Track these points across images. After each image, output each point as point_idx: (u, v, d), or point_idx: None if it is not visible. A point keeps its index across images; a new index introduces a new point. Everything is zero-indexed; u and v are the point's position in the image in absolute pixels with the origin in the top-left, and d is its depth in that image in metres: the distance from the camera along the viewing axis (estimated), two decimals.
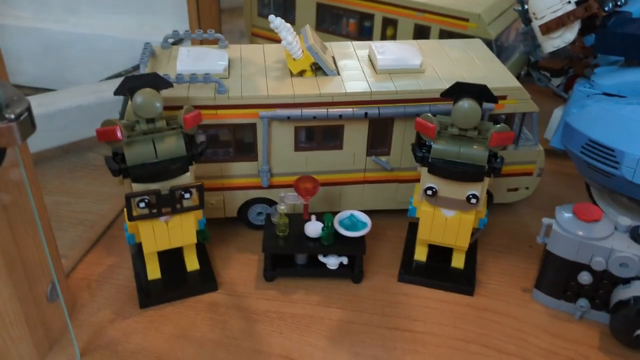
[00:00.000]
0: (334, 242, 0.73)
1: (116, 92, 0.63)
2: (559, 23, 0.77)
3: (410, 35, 1.07)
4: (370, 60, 0.81)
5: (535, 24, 0.80)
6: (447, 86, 0.73)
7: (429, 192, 0.70)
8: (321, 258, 0.74)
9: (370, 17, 1.11)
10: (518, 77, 1.06)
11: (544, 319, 0.72)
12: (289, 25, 0.76)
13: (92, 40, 1.16)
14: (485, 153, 0.67)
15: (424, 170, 0.70)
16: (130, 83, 0.63)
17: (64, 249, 0.80)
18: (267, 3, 1.25)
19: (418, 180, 0.80)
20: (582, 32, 0.78)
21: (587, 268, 0.68)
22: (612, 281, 0.68)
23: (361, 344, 0.68)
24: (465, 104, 0.65)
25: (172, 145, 0.65)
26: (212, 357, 0.66)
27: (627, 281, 0.67)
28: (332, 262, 0.74)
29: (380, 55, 0.78)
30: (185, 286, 0.73)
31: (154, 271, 0.74)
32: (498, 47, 1.02)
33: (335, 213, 0.74)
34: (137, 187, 0.65)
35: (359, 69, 0.79)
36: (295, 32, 0.77)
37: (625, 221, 0.68)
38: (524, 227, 0.87)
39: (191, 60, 0.75)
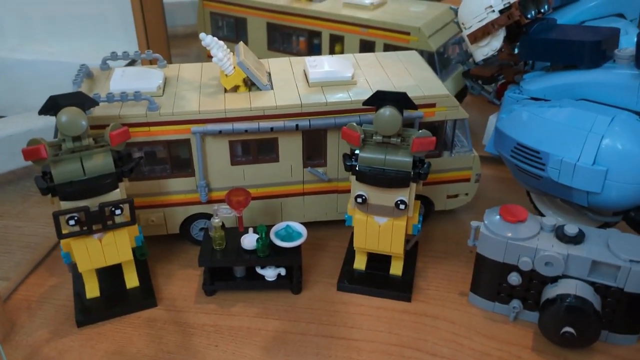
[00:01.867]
0: (270, 253, 0.74)
1: (40, 112, 0.64)
2: (485, 32, 0.79)
3: (357, 50, 1.10)
4: (305, 74, 0.83)
5: (464, 34, 0.82)
6: None
7: (359, 200, 0.71)
8: (259, 270, 0.75)
9: (318, 34, 1.14)
10: (464, 89, 1.09)
11: (479, 321, 0.73)
12: (221, 42, 0.78)
13: (46, 66, 1.17)
14: (409, 159, 0.68)
15: (353, 179, 0.71)
16: (55, 102, 0.64)
17: (9, 271, 0.81)
18: (221, 26, 1.28)
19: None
20: (509, 40, 0.81)
21: (516, 269, 0.69)
22: (541, 280, 0.69)
23: (296, 352, 0.68)
24: (387, 111, 0.66)
25: (99, 162, 0.66)
26: None
27: (554, 280, 0.68)
28: (269, 273, 0.75)
29: (312, 69, 0.80)
30: (123, 303, 0.74)
31: (92, 289, 0.74)
32: (441, 60, 1.05)
33: (271, 225, 0.75)
34: (65, 205, 0.65)
35: (292, 82, 0.81)
36: (228, 49, 0.79)
37: (550, 221, 0.69)
38: (465, 233, 0.87)
39: (126, 79, 0.77)
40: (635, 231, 0.75)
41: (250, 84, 0.79)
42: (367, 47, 1.08)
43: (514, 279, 0.69)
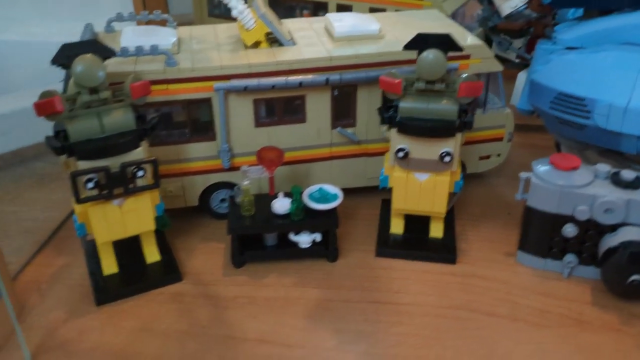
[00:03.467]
0: (304, 217, 0.68)
1: (53, 61, 0.58)
2: None
3: None
4: (327, 31, 0.78)
5: None
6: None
7: (400, 154, 0.66)
8: (292, 237, 0.69)
9: (324, 5, 1.09)
10: None
11: (532, 279, 0.68)
12: None
13: (35, 47, 1.10)
14: (455, 107, 0.64)
15: (393, 132, 0.66)
16: (68, 51, 0.57)
17: (11, 255, 0.73)
18: (218, 4, 1.22)
19: (386, 153, 0.77)
20: None
21: (571, 219, 0.65)
22: (598, 231, 0.64)
23: (343, 320, 0.63)
24: (430, 54, 0.62)
25: (119, 118, 0.60)
26: (180, 347, 0.59)
27: (613, 229, 0.64)
28: (304, 240, 0.69)
29: (337, 23, 0.75)
30: (145, 279, 0.67)
31: (110, 265, 0.67)
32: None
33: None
34: (83, 165, 0.59)
35: (315, 38, 0.76)
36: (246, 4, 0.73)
37: (605, 167, 0.65)
38: (498, 197, 0.84)
39: (137, 37, 0.71)
40: None
41: (271, 41, 0.74)
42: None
43: (569, 230, 0.65)
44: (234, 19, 0.73)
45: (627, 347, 0.59)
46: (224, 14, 1.20)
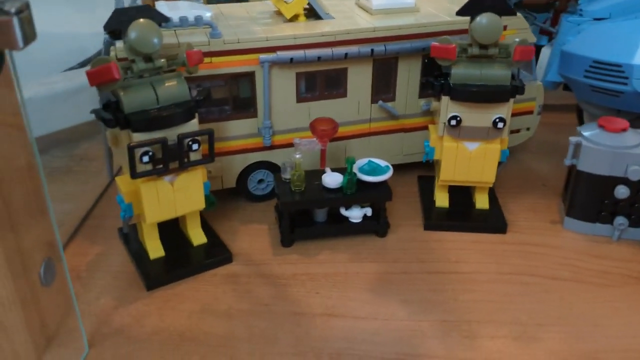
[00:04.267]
0: (356, 190, 0.66)
1: (106, 26, 0.54)
2: None
3: None
4: (360, 6, 0.77)
5: None
6: (448, 19, 0.71)
7: (453, 122, 0.65)
8: (343, 212, 0.67)
9: None
10: None
11: (584, 244, 0.68)
12: None
13: None
14: (508, 72, 0.64)
15: (445, 100, 0.66)
16: (122, 16, 0.54)
17: None
18: None
19: (423, 128, 0.76)
20: None
21: (624, 181, 0.65)
22: None
23: (407, 291, 0.61)
24: (487, 17, 0.62)
25: (174, 88, 0.57)
26: (247, 326, 0.56)
27: None
28: (355, 214, 0.67)
29: None
30: (195, 261, 0.64)
31: (156, 249, 0.63)
32: None
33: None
34: (138, 137, 0.55)
35: (350, 13, 0.75)
36: None
37: None
38: (529, 170, 0.84)
39: (172, 11, 0.67)
40: None
41: (309, 14, 0.72)
42: None
43: (622, 191, 0.66)
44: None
45: None
46: None
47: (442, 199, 0.73)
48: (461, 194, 0.74)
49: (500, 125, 0.65)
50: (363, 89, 0.72)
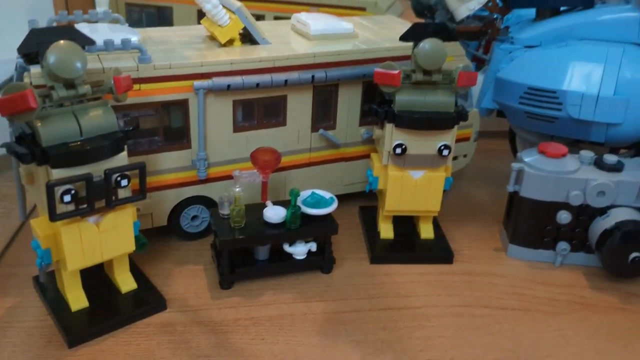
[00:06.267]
0: (300, 225, 0.62)
1: (20, 49, 0.48)
2: None
3: None
4: (297, 31, 0.74)
5: None
6: (389, 45, 0.70)
7: (398, 150, 0.63)
8: (287, 248, 0.63)
9: (261, 17, 1.05)
10: None
11: (529, 271, 0.68)
12: None
13: None
14: (452, 98, 0.63)
15: (389, 128, 0.64)
16: (39, 37, 0.48)
17: None
18: (139, 18, 1.13)
19: (364, 157, 0.74)
20: None
21: (566, 206, 0.66)
22: (590, 215, 0.66)
23: (359, 331, 0.57)
24: (430, 43, 0.60)
25: (99, 118, 0.51)
26: None
27: (603, 212, 0.66)
28: (299, 250, 0.63)
29: (311, 21, 0.72)
30: (123, 310, 0.57)
31: (78, 298, 0.56)
32: None
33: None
34: (58, 174, 0.49)
35: (288, 38, 0.72)
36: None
37: (589, 153, 0.67)
38: (468, 197, 0.84)
39: (97, 34, 0.61)
40: None
41: (244, 39, 0.68)
42: None
43: (564, 217, 0.66)
44: None
45: (637, 323, 0.60)
46: None
47: (386, 230, 0.71)
48: (405, 223, 0.72)
49: (445, 152, 0.64)
50: (303, 117, 0.69)
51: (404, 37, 0.63)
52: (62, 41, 0.48)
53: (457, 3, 0.81)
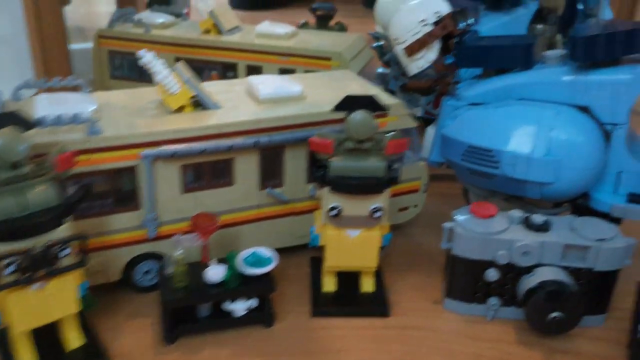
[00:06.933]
0: (240, 284, 0.66)
1: None
2: (421, 44, 0.81)
3: None
4: (249, 93, 0.79)
5: (399, 49, 0.84)
6: (329, 110, 0.74)
7: (333, 213, 0.68)
8: (227, 306, 0.67)
9: (233, 66, 1.10)
10: None
11: (461, 325, 0.71)
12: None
13: None
14: (383, 164, 0.67)
15: (325, 191, 0.68)
16: None
17: None
18: (120, 65, 1.19)
19: (313, 211, 0.78)
20: (442, 52, 0.84)
21: (493, 264, 0.69)
22: (517, 273, 0.69)
23: None
24: (359, 115, 0.65)
25: (42, 194, 0.56)
26: None
27: (529, 270, 0.69)
28: (240, 307, 0.67)
29: (261, 85, 0.76)
30: None
31: (26, 358, 0.61)
32: None
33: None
34: (1, 248, 0.54)
35: (239, 101, 0.76)
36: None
37: (517, 213, 0.71)
38: (417, 246, 0.87)
39: (53, 105, 0.67)
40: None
41: (195, 104, 0.73)
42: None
43: (491, 275, 0.70)
44: (135, 81, 0.72)
45: None
46: (127, 76, 1.17)
47: (329, 284, 0.75)
48: (350, 276, 0.76)
49: (377, 214, 0.68)
50: (250, 177, 0.73)
51: (336, 108, 0.67)
52: (4, 128, 0.53)
53: (407, 60, 0.85)
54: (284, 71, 1.07)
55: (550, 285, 0.66)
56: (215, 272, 0.66)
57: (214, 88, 0.81)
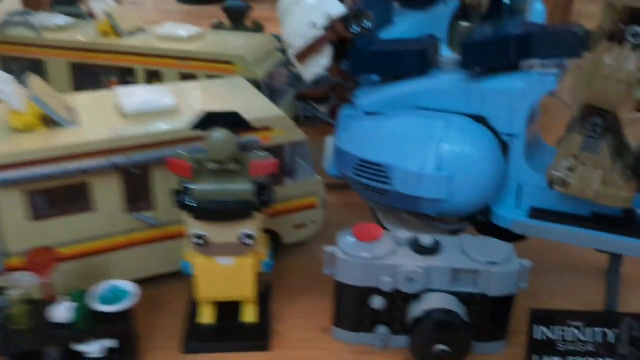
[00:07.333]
0: (93, 323, 0.59)
1: None
2: (311, 50, 0.75)
3: None
4: (117, 107, 0.72)
5: (291, 54, 0.78)
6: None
7: (199, 241, 0.61)
8: (77, 347, 0.60)
9: (131, 71, 1.03)
10: (297, 119, 1.05)
11: (347, 357, 0.66)
12: (7, 75, 0.64)
13: None
14: (249, 186, 0.60)
15: (188, 218, 0.61)
16: None
17: None
18: (14, 71, 1.10)
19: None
20: (338, 57, 0.78)
21: (377, 291, 0.64)
22: (404, 299, 0.64)
23: None
24: (217, 133, 0.58)
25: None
26: None
27: (417, 297, 0.64)
28: (93, 349, 0.60)
29: (126, 99, 0.69)
30: None
31: None
32: (269, 89, 1.00)
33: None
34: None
35: (104, 116, 0.69)
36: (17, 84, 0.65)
37: (405, 234, 0.65)
38: (317, 265, 0.81)
39: None
40: (484, 234, 0.74)
41: (51, 122, 0.66)
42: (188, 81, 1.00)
43: (377, 302, 0.64)
44: None
45: None
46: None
47: (206, 314, 0.68)
48: (233, 305, 0.69)
49: (248, 242, 0.62)
50: (113, 201, 0.66)
51: (195, 126, 0.60)
52: None
53: (302, 67, 0.79)
54: (185, 77, 0.99)
55: (436, 315, 0.61)
56: (62, 311, 0.59)
57: (82, 100, 0.73)
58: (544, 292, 0.76)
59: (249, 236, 0.61)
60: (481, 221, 0.73)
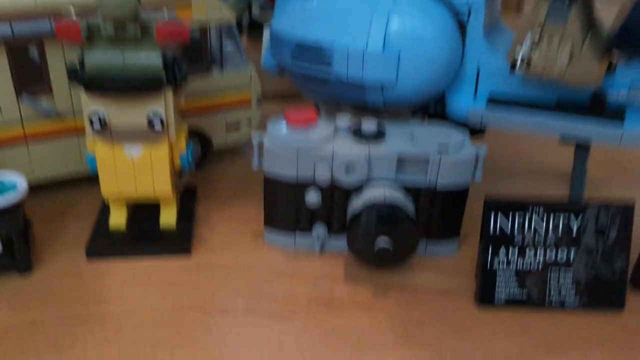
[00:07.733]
0: None
1: None
2: None
3: None
4: None
5: None
6: None
7: (96, 123, 0.51)
8: None
9: None
10: (240, 26, 0.94)
11: (280, 261, 0.57)
12: None
13: None
14: (156, 54, 0.50)
15: (82, 94, 0.51)
16: None
17: None
18: None
19: None
20: None
21: (313, 184, 0.55)
22: (344, 194, 0.56)
23: (20, 350, 0.46)
24: None
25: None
26: None
27: (358, 190, 0.55)
28: None
29: None
30: None
31: None
32: None
33: None
34: None
35: None
36: None
37: (345, 120, 0.57)
38: (253, 172, 0.72)
39: None
40: None
41: None
42: None
43: (312, 197, 0.55)
44: None
45: (377, 320, 0.50)
46: None
47: (117, 217, 0.59)
48: (152, 208, 0.60)
49: (157, 125, 0.52)
50: (0, 82, 0.56)
51: None
52: None
53: None
54: None
55: (377, 208, 0.52)
56: None
57: None
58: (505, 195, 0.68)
59: (157, 116, 0.52)
60: (434, 114, 0.64)
